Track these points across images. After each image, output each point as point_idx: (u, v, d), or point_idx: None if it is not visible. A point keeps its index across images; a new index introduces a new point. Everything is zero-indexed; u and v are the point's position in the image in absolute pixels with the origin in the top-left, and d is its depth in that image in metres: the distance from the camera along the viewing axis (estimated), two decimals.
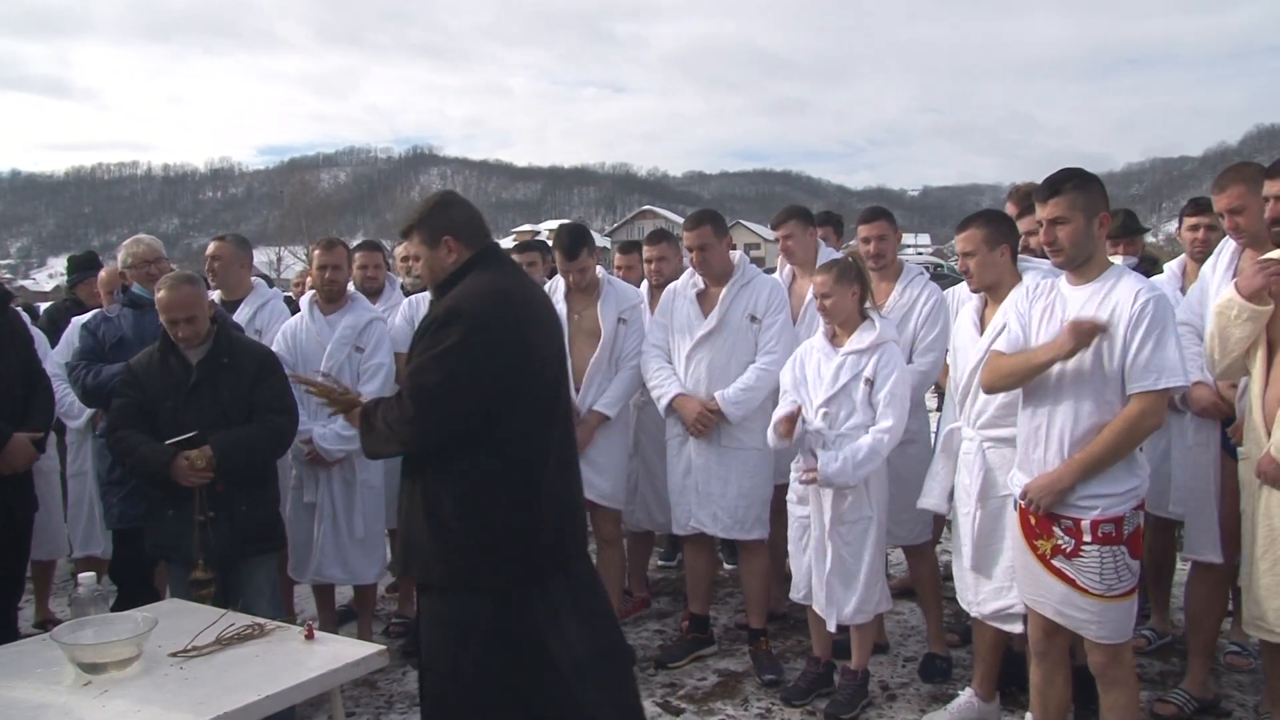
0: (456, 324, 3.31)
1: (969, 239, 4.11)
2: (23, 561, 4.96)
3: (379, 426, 3.36)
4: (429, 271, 3.56)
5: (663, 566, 6.97)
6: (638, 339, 5.25)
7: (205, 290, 4.43)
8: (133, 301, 5.02)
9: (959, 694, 4.43)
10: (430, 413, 3.25)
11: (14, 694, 2.84)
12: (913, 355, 4.76)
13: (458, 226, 3.54)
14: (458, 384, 3.26)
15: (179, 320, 4.22)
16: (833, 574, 4.44)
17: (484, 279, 3.53)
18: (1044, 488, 3.49)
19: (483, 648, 3.28)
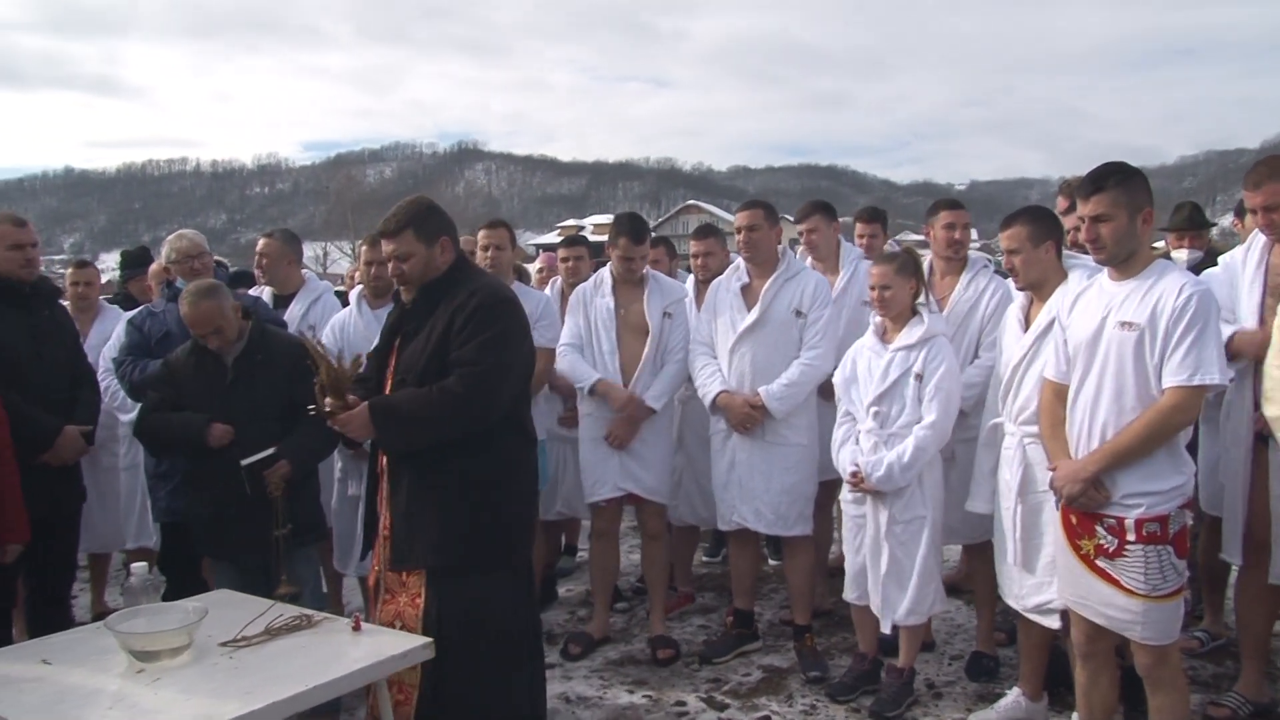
0: (498, 312, 3.59)
1: (1013, 236, 4.07)
2: (73, 551, 5.04)
3: (420, 415, 3.49)
4: (422, 269, 3.69)
5: (707, 562, 6.97)
6: (682, 333, 5.23)
7: (228, 298, 4.42)
8: (177, 296, 5.08)
9: (1005, 693, 4.39)
10: (489, 396, 3.52)
11: (69, 680, 2.89)
12: (978, 350, 4.71)
13: (450, 228, 3.77)
14: (509, 367, 3.57)
15: (206, 334, 4.31)
16: (889, 575, 4.42)
17: (484, 276, 3.89)
18: (1068, 475, 3.46)
19: (503, 621, 3.63)
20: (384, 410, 3.54)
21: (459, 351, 3.53)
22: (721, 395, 4.96)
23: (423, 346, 3.64)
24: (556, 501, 5.91)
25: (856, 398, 4.53)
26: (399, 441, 3.58)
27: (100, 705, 2.70)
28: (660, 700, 4.72)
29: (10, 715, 2.64)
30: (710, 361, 5.07)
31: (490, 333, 3.54)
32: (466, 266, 3.82)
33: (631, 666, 5.14)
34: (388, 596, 3.71)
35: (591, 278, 5.53)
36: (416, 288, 3.72)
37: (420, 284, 3.70)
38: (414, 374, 3.62)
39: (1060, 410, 3.60)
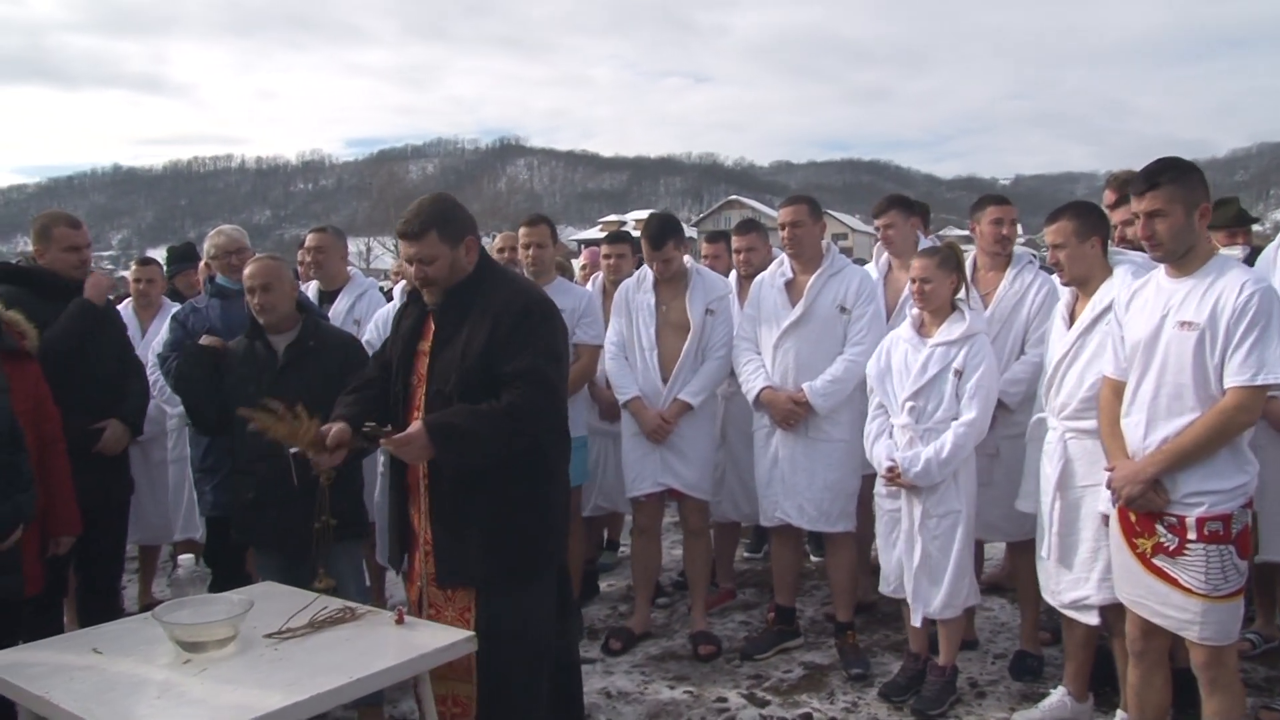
0: (543, 315, 3.45)
1: (1059, 231, 4.02)
2: (122, 542, 5.11)
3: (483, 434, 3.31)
4: (449, 271, 3.50)
5: (749, 558, 6.95)
6: (725, 330, 5.22)
7: (288, 269, 4.51)
8: (219, 292, 5.12)
9: (1050, 693, 4.35)
10: (550, 410, 3.42)
11: (118, 669, 2.92)
12: (1024, 346, 4.67)
13: (473, 226, 3.59)
14: (565, 370, 3.51)
15: (255, 288, 4.32)
16: (921, 569, 4.40)
17: (515, 277, 3.74)
18: (1127, 477, 3.41)
19: (546, 618, 3.56)
20: (444, 431, 3.32)
21: (514, 364, 3.35)
22: (765, 391, 4.95)
23: (459, 355, 3.44)
24: (596, 496, 5.92)
25: (891, 391, 4.50)
26: (461, 461, 3.39)
27: (148, 694, 2.73)
28: (701, 696, 4.71)
29: (62, 702, 2.68)
30: (754, 357, 5.05)
31: (542, 342, 3.41)
32: (492, 266, 3.66)
33: (672, 662, 5.14)
34: (432, 611, 3.58)
35: (635, 274, 5.53)
36: (442, 291, 3.53)
37: (446, 287, 3.52)
38: (453, 384, 3.43)
39: (1118, 408, 3.56)
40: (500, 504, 3.42)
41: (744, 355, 5.09)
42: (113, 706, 2.65)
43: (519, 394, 3.33)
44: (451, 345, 3.48)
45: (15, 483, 3.65)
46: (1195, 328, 3.27)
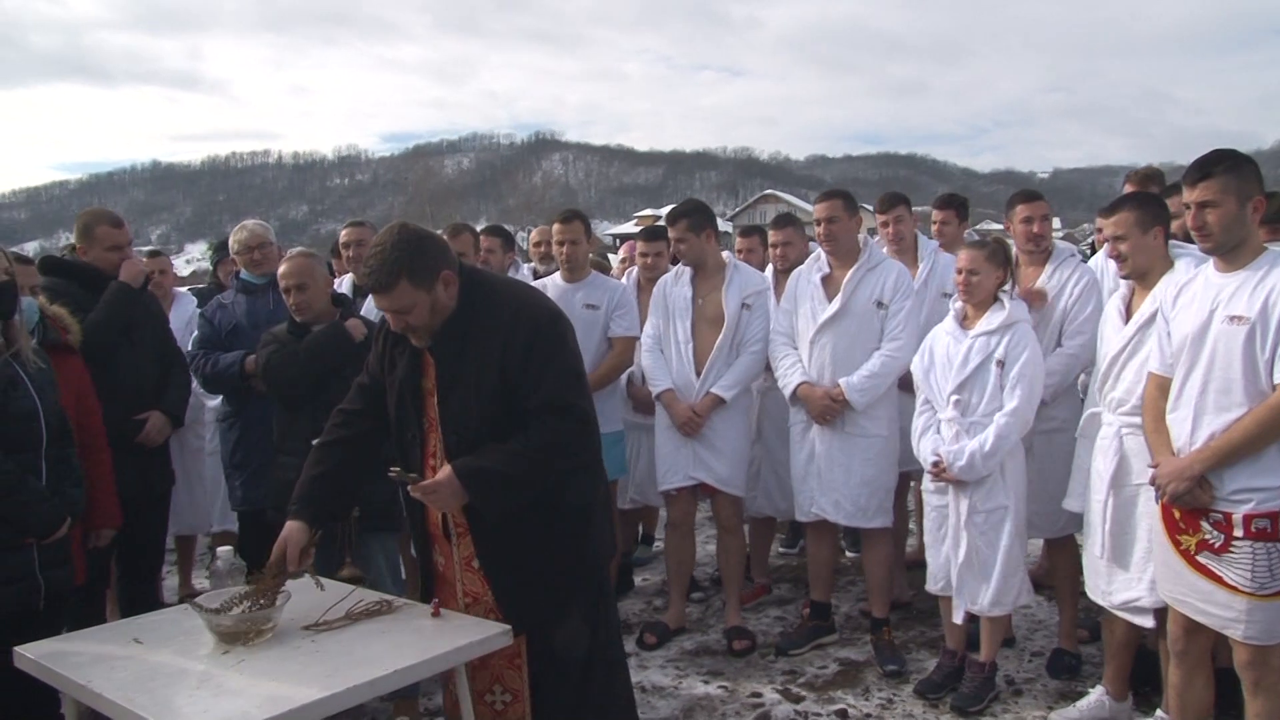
0: (554, 330, 3.22)
1: (1121, 222, 3.92)
2: (162, 533, 5.16)
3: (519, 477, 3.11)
4: (430, 314, 3.15)
5: (784, 553, 6.93)
6: (761, 325, 5.20)
7: (321, 266, 4.53)
8: (244, 287, 5.16)
9: (1088, 692, 4.31)
10: (590, 427, 3.25)
11: (157, 659, 2.95)
12: (1061, 338, 4.63)
13: (446, 257, 3.20)
14: (586, 383, 3.33)
15: (290, 288, 4.35)
16: (966, 564, 4.36)
17: (505, 287, 3.38)
18: (1172, 474, 3.36)
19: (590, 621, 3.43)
20: (477, 476, 3.09)
21: (536, 396, 3.12)
22: (802, 386, 4.94)
23: (474, 395, 3.16)
24: (630, 489, 5.92)
25: (936, 385, 4.47)
26: (498, 506, 3.13)
27: (188, 684, 2.76)
28: (735, 691, 4.71)
29: (104, 691, 2.71)
30: (791, 352, 5.04)
31: (558, 362, 3.16)
32: (479, 286, 3.27)
33: (707, 657, 5.13)
34: (478, 663, 3.29)
35: (674, 269, 5.52)
36: (438, 329, 3.19)
37: (433, 328, 3.19)
38: (474, 428, 3.17)
39: (1164, 404, 3.51)
40: (560, 540, 3.26)
41: (780, 350, 5.08)
42: (153, 695, 2.67)
43: (550, 429, 3.13)
44: (461, 384, 3.20)
45: (67, 477, 3.70)
46: (1245, 322, 3.22)
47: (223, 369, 4.87)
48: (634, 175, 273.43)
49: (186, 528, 6.26)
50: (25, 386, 3.54)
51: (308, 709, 2.61)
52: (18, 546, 3.48)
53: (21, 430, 3.51)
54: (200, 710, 2.57)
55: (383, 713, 4.45)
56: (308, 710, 2.61)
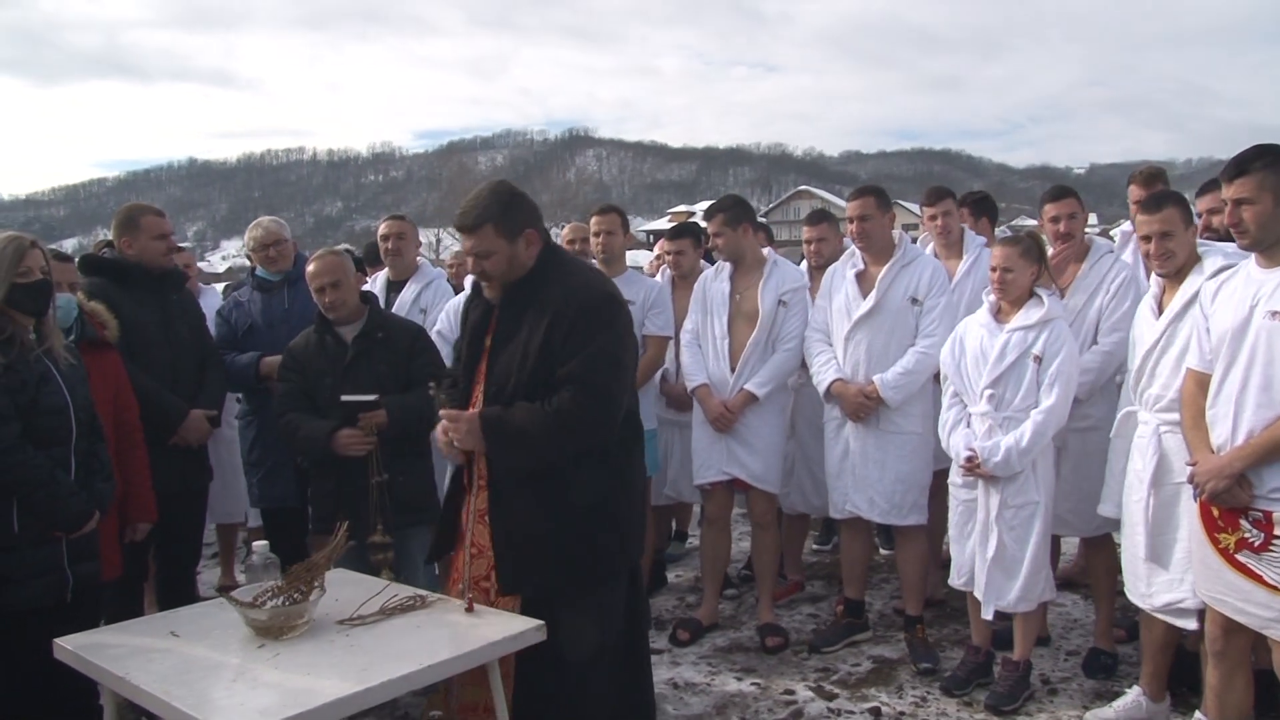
0: (604, 315, 3.31)
1: (1168, 219, 3.86)
2: (200, 528, 5.20)
3: (533, 434, 3.23)
4: (506, 267, 3.35)
5: (817, 550, 6.91)
6: (798, 322, 5.18)
7: (350, 263, 4.56)
8: (260, 284, 5.18)
9: (1125, 692, 4.26)
10: (610, 411, 3.30)
11: (195, 652, 2.99)
12: (1097, 335, 4.58)
13: (535, 218, 3.40)
14: (624, 377, 3.35)
15: (324, 287, 4.37)
16: (995, 561, 4.33)
17: (580, 269, 3.53)
18: (1211, 471, 3.32)
19: (614, 619, 3.48)
20: (496, 424, 3.27)
21: (569, 366, 3.25)
22: (836, 383, 4.92)
23: (519, 355, 3.33)
24: (664, 485, 5.92)
25: (967, 378, 4.44)
26: (508, 459, 3.31)
27: (224, 676, 2.79)
28: (768, 688, 4.69)
29: (141, 683, 2.74)
30: (825, 349, 5.02)
31: (600, 341, 3.25)
32: (556, 258, 3.48)
33: (740, 654, 5.12)
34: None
35: (716, 264, 5.51)
36: (502, 286, 3.40)
37: (506, 281, 3.38)
38: (511, 385, 3.34)
39: (1203, 401, 3.46)
40: (567, 514, 3.32)
41: (815, 347, 5.06)
42: (190, 687, 2.71)
43: (568, 399, 3.23)
44: (511, 344, 3.37)
45: (97, 472, 3.74)
46: None
47: (238, 371, 4.91)
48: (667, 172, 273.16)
49: (224, 516, 6.32)
50: (56, 382, 3.58)
51: (342, 703, 2.64)
52: (47, 540, 3.52)
53: (52, 425, 3.55)
54: (237, 703, 2.60)
55: (415, 707, 4.47)
56: (342, 704, 2.64)
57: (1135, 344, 4.08)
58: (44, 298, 3.58)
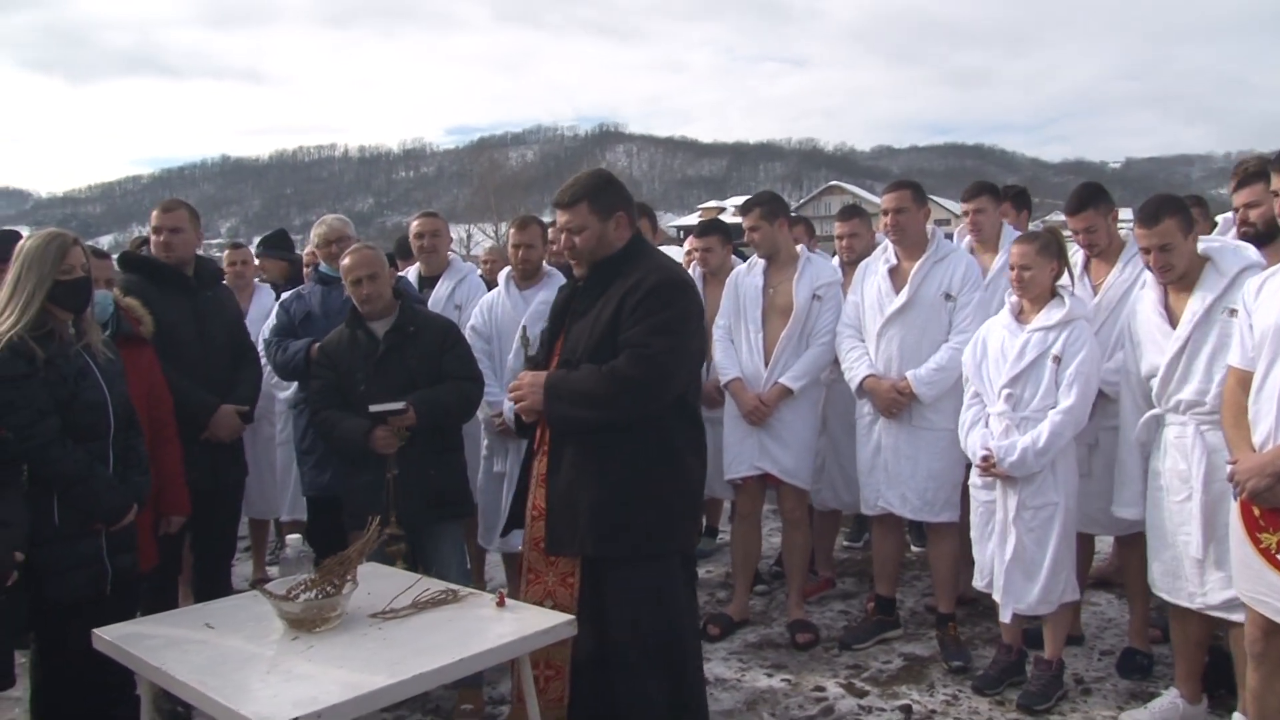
0: (672, 294, 3.45)
1: (1167, 231, 3.83)
2: (234, 522, 5.24)
3: (585, 393, 3.39)
4: (595, 244, 3.55)
5: (848, 546, 6.90)
6: (831, 317, 5.17)
7: (384, 256, 4.59)
8: (321, 279, 5.23)
9: (1161, 693, 4.23)
10: (661, 379, 3.40)
11: (229, 643, 3.01)
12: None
13: (627, 203, 3.61)
14: (684, 351, 3.47)
15: (361, 279, 4.38)
16: (1014, 562, 4.30)
17: (661, 257, 3.70)
18: (1252, 470, 3.27)
19: (671, 607, 3.50)
20: (554, 383, 3.47)
21: (629, 333, 3.40)
22: (868, 379, 4.90)
23: (591, 326, 3.52)
24: None
25: (987, 378, 4.41)
26: (563, 417, 3.46)
27: (259, 668, 2.81)
28: (799, 684, 4.69)
29: (177, 673, 2.77)
30: (857, 344, 5.01)
31: (663, 315, 3.40)
32: (643, 245, 3.67)
33: (770, 650, 5.12)
34: (532, 576, 3.62)
35: (749, 260, 5.51)
36: (588, 264, 3.59)
37: (592, 260, 3.57)
38: (581, 354, 3.50)
39: (1244, 399, 3.42)
40: (616, 478, 3.43)
41: (847, 342, 5.04)
42: (225, 679, 2.73)
43: (622, 361, 3.38)
44: (586, 318, 3.55)
45: (135, 465, 3.78)
46: None
47: (289, 356, 4.95)
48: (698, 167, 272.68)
49: (258, 513, 6.39)
50: (95, 377, 3.63)
51: (376, 695, 2.65)
52: (88, 533, 3.57)
53: (91, 419, 3.60)
54: (271, 694, 2.61)
55: (447, 700, 4.49)
56: (376, 696, 2.66)
57: (1143, 348, 4.04)
58: (84, 295, 3.63)
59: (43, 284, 3.49)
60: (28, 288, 3.49)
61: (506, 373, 5.12)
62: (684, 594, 3.64)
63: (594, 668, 3.47)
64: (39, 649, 3.64)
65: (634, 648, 3.44)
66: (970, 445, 4.45)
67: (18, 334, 3.43)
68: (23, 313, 3.47)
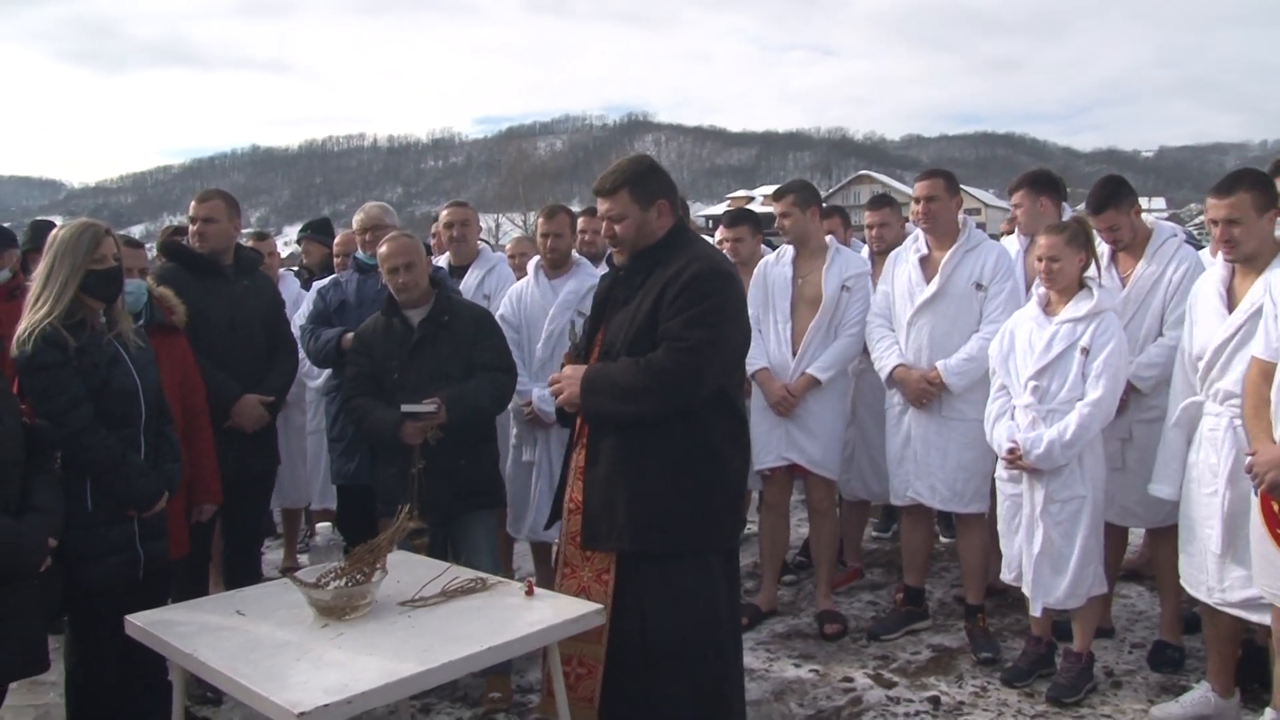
0: (713, 285, 3.38)
1: (1236, 205, 3.72)
2: (264, 509, 5.27)
3: (621, 385, 3.34)
4: (636, 232, 3.50)
5: (877, 537, 6.87)
6: (860, 307, 5.15)
7: (423, 246, 4.60)
8: (359, 267, 5.24)
9: (1192, 687, 4.19)
10: (697, 373, 3.33)
11: (259, 630, 3.03)
12: (1162, 328, 4.47)
13: (669, 191, 3.56)
14: (723, 343, 3.39)
15: (398, 267, 4.37)
16: (1042, 556, 4.26)
17: (703, 246, 3.62)
18: (1272, 462, 3.24)
19: (709, 608, 3.44)
20: (591, 377, 3.43)
21: (667, 324, 3.34)
22: (898, 369, 4.88)
23: (631, 316, 3.46)
24: None
25: (1014, 371, 4.37)
26: (599, 409, 3.42)
27: (289, 655, 2.83)
28: (827, 675, 4.68)
29: (209, 660, 2.79)
30: (887, 334, 4.99)
31: (702, 307, 3.33)
32: (685, 234, 3.61)
33: (798, 640, 5.11)
34: (567, 571, 3.58)
35: (777, 250, 5.49)
36: (629, 252, 3.54)
37: (633, 248, 3.52)
38: (621, 344, 3.46)
39: (1267, 391, 3.37)
40: (654, 473, 3.38)
41: (877, 332, 5.03)
42: (256, 665, 2.75)
43: (659, 353, 3.33)
44: (627, 307, 3.50)
45: (166, 453, 3.82)
46: None
47: (321, 345, 4.97)
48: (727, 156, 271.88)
49: (289, 502, 6.44)
50: (126, 365, 3.66)
51: (406, 682, 2.67)
52: (120, 519, 3.60)
53: (122, 407, 3.63)
54: (302, 681, 2.63)
55: (475, 688, 4.52)
56: (406, 684, 2.67)
57: (1196, 334, 3.95)
58: (116, 284, 3.67)
59: (76, 273, 3.52)
60: (61, 277, 3.52)
61: (535, 362, 5.13)
62: (724, 594, 3.56)
63: (627, 666, 3.43)
64: (73, 634, 3.69)
65: (668, 647, 3.38)
66: (996, 438, 4.41)
67: (51, 323, 3.46)
68: (56, 302, 3.50)
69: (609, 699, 3.47)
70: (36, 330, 3.45)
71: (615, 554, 3.45)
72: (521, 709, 4.42)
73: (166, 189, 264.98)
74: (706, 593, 3.46)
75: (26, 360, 3.45)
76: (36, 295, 3.54)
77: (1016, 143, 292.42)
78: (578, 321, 3.93)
